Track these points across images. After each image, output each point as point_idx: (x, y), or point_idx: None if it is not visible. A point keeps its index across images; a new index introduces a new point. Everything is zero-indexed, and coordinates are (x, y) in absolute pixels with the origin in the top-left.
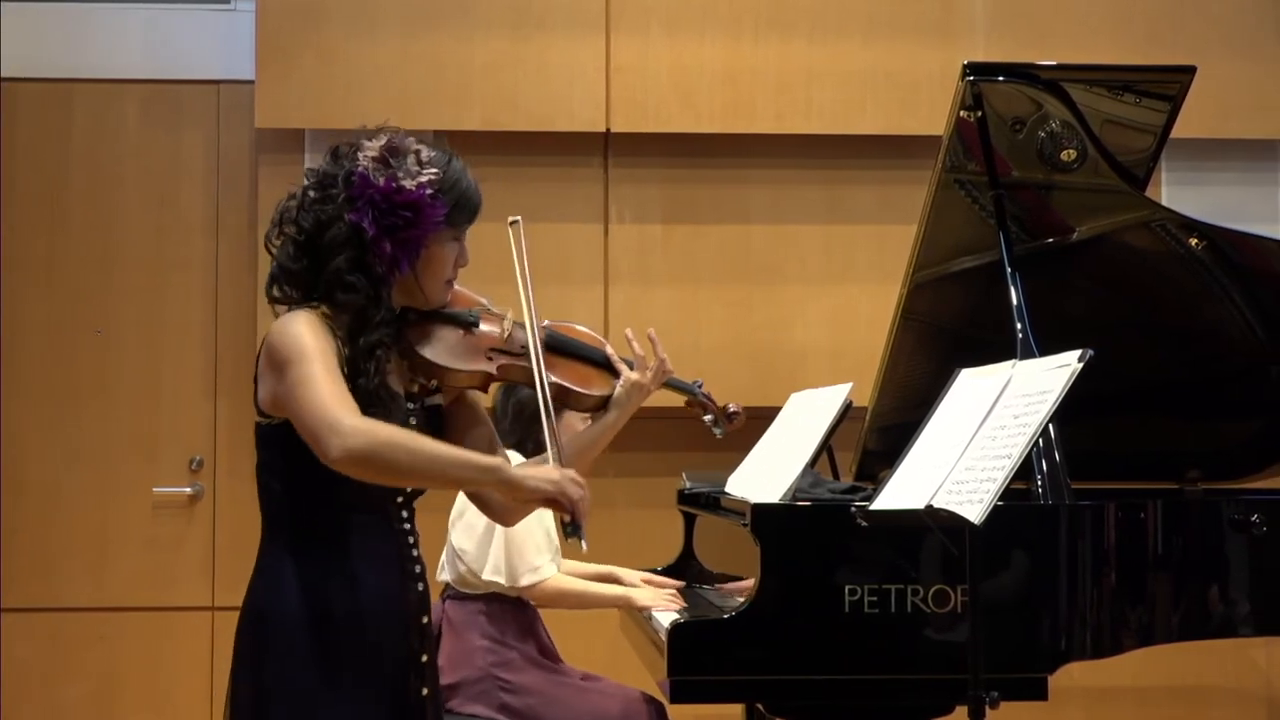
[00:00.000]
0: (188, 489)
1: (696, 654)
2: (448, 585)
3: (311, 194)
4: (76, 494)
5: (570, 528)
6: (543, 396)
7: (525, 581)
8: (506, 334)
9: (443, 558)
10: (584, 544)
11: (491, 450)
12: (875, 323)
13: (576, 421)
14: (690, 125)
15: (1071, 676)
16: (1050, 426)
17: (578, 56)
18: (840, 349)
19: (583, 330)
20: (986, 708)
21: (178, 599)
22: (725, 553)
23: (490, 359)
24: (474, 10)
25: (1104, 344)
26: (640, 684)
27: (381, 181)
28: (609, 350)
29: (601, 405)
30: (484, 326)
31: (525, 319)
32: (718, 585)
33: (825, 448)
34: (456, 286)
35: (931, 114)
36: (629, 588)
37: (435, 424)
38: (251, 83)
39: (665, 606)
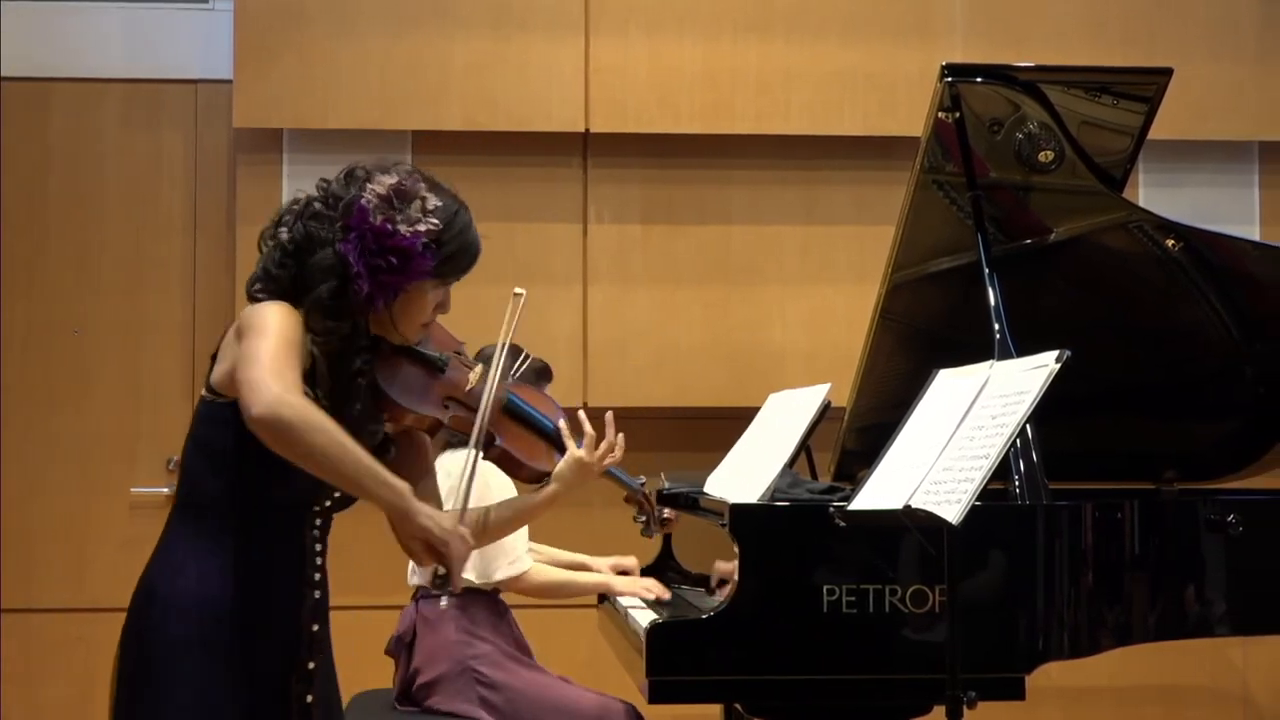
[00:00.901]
0: (165, 489)
1: (675, 654)
2: (419, 588)
3: (315, 206)
4: (54, 494)
5: (439, 580)
6: (474, 451)
7: (503, 575)
8: (469, 387)
9: (411, 563)
10: (444, 601)
11: (428, 491)
12: (854, 323)
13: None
14: (669, 126)
15: (1049, 676)
16: (1028, 427)
17: (557, 57)
18: (818, 349)
19: (545, 398)
20: (964, 708)
21: None
22: (704, 553)
23: (446, 407)
24: (453, 10)
25: (1081, 345)
26: (618, 686)
27: (378, 221)
28: (561, 424)
29: (541, 478)
30: (450, 374)
31: (488, 381)
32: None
33: (804, 448)
34: (438, 320)
35: (910, 115)
36: (609, 576)
37: (382, 450)
38: (230, 82)
39: (643, 593)
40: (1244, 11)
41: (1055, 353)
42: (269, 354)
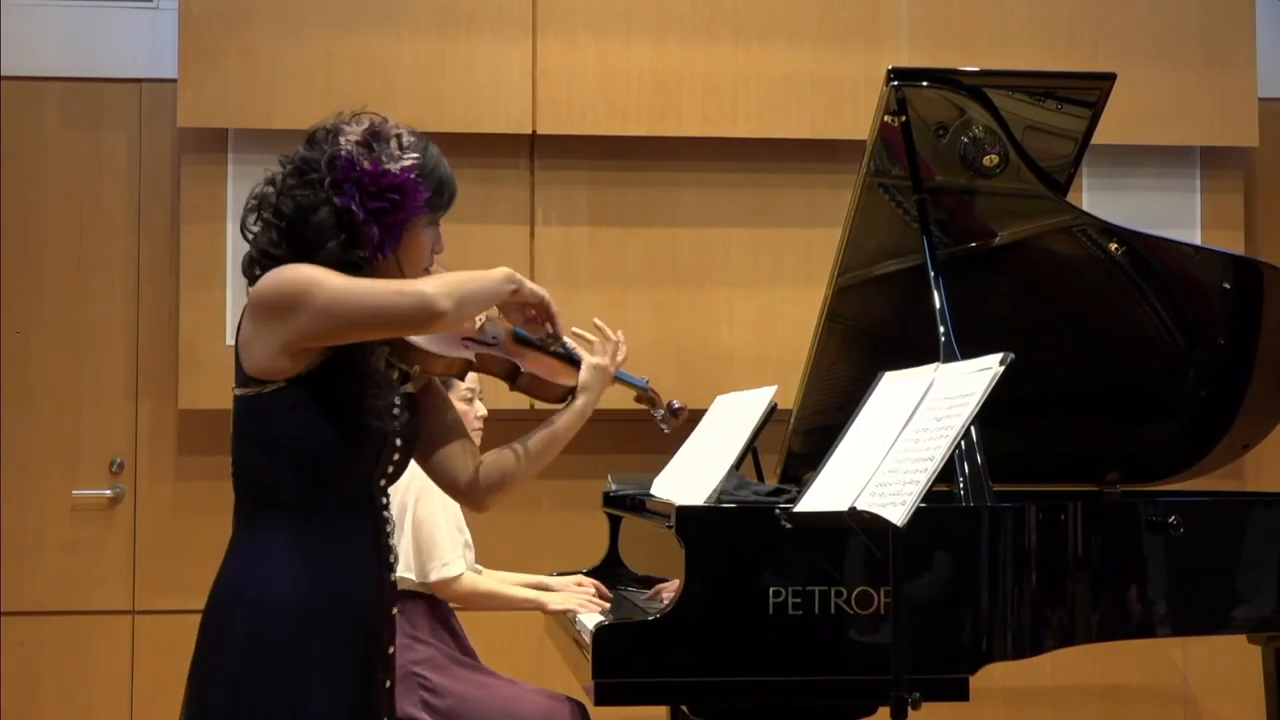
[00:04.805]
0: (108, 491)
1: (621, 656)
2: None
3: (290, 180)
4: None
5: (553, 337)
6: None
7: (435, 577)
8: (479, 325)
9: None
10: (568, 342)
11: (461, 433)
12: (801, 326)
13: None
14: (617, 128)
15: (993, 677)
16: (972, 429)
17: (504, 58)
18: (766, 352)
19: (541, 326)
20: (909, 708)
21: (98, 603)
22: (650, 555)
23: (467, 347)
24: (400, 11)
25: (1025, 347)
26: (565, 687)
27: (367, 164)
28: (568, 342)
29: (567, 395)
30: None
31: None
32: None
33: (750, 450)
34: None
35: (856, 118)
36: (541, 591)
37: (412, 409)
38: (174, 81)
39: (581, 608)
40: (1187, 18)
41: (999, 355)
42: (369, 286)
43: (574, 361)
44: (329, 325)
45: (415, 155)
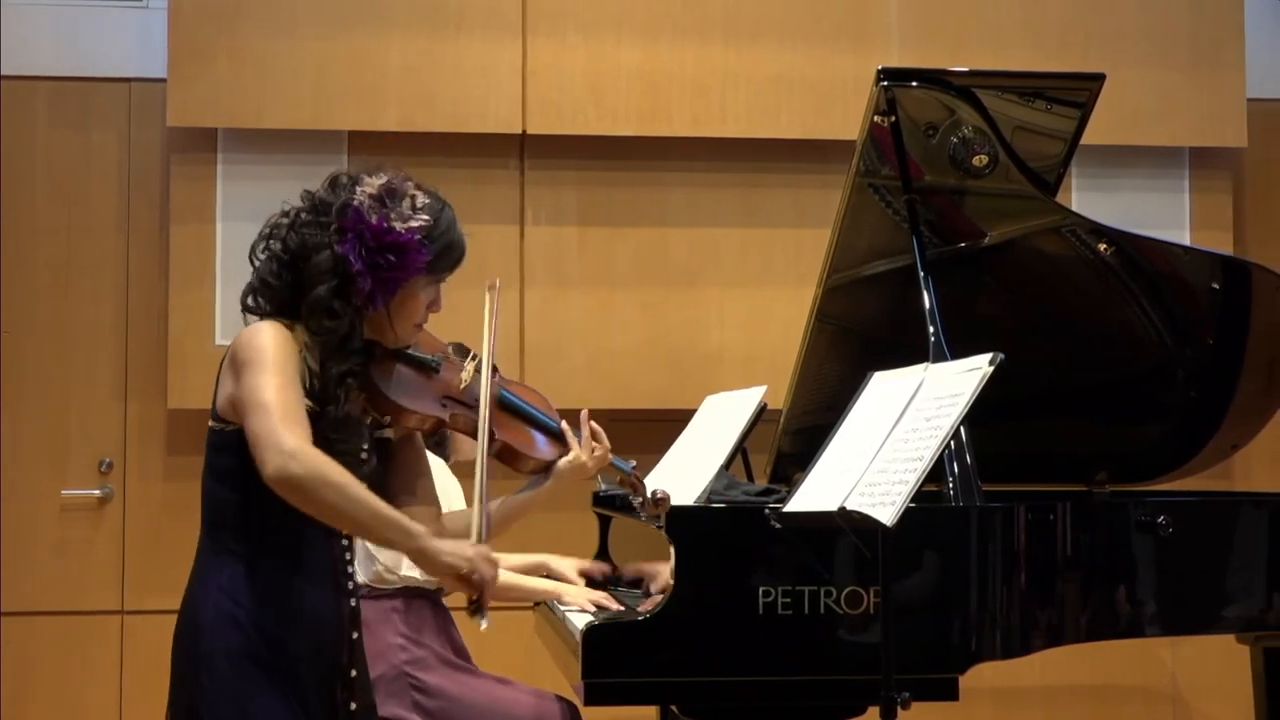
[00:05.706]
0: (97, 491)
1: (610, 656)
2: (359, 586)
3: (304, 216)
4: None
5: (474, 607)
6: (481, 469)
7: None
8: (464, 385)
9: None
10: (484, 624)
11: (427, 499)
12: (790, 326)
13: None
14: (606, 128)
15: (982, 676)
16: (961, 429)
17: (494, 58)
18: (755, 352)
19: (537, 394)
20: (898, 708)
21: (87, 603)
22: (640, 555)
23: (444, 406)
24: (390, 10)
25: (1015, 347)
26: (555, 687)
27: (374, 220)
28: (564, 425)
29: (544, 468)
30: (444, 374)
31: (483, 385)
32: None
33: (740, 450)
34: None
35: (846, 119)
36: (559, 584)
37: (383, 456)
38: (164, 81)
39: (589, 607)
40: (1176, 19)
41: (989, 355)
42: (273, 398)
43: (557, 437)
44: (238, 407)
45: (425, 218)
